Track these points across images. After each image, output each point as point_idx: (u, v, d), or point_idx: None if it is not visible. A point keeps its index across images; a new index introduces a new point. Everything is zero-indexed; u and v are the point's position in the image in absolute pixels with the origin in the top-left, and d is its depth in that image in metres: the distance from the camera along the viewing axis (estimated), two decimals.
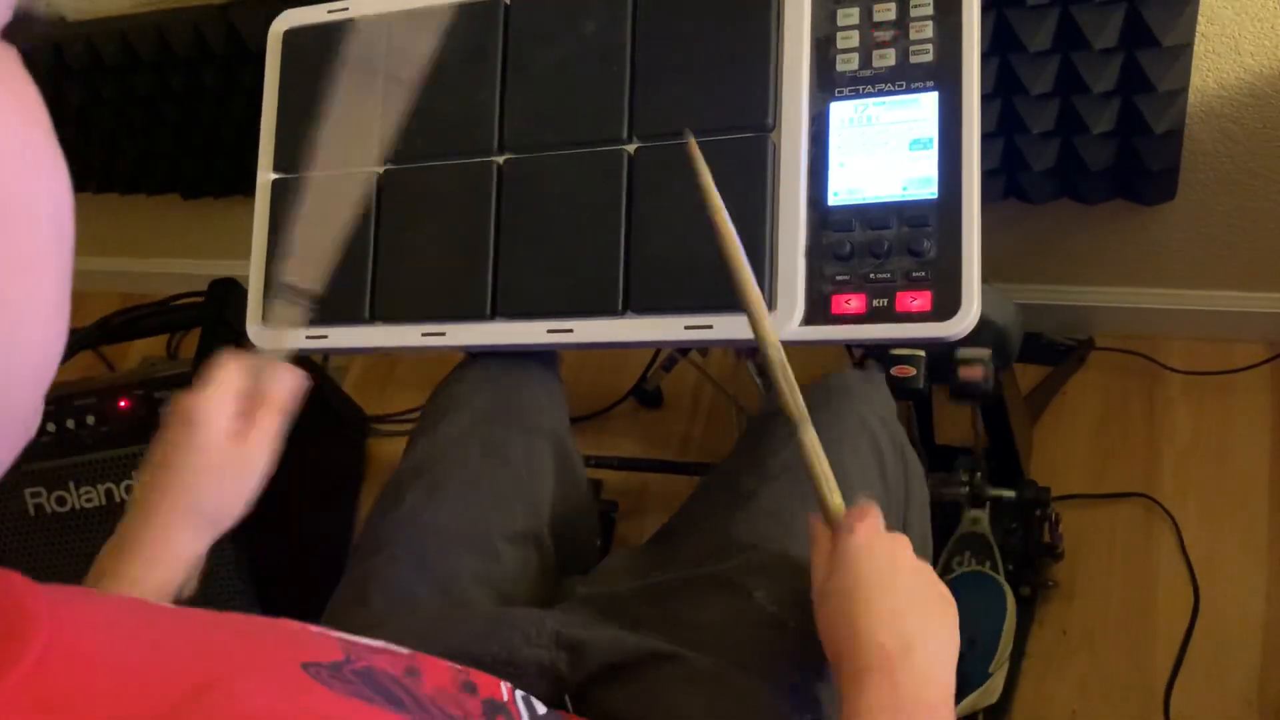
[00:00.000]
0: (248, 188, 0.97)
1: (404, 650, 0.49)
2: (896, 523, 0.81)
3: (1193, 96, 1.14)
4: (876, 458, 0.80)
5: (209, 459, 0.64)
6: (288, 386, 0.67)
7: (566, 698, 0.68)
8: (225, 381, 0.65)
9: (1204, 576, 1.27)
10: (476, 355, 0.94)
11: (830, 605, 0.60)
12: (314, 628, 0.45)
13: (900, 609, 0.58)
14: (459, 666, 0.52)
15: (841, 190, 0.80)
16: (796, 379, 0.65)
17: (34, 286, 0.33)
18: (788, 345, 0.81)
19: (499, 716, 0.51)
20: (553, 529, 0.86)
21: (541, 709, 0.57)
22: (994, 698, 1.20)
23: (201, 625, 0.43)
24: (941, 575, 1.22)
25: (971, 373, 0.84)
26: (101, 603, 0.40)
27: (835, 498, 0.64)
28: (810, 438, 0.63)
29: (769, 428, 0.84)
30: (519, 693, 0.56)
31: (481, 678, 0.53)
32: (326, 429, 1.60)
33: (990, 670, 1.20)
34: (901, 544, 0.61)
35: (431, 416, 0.91)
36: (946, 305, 0.76)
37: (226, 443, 0.64)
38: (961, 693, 1.18)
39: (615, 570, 0.81)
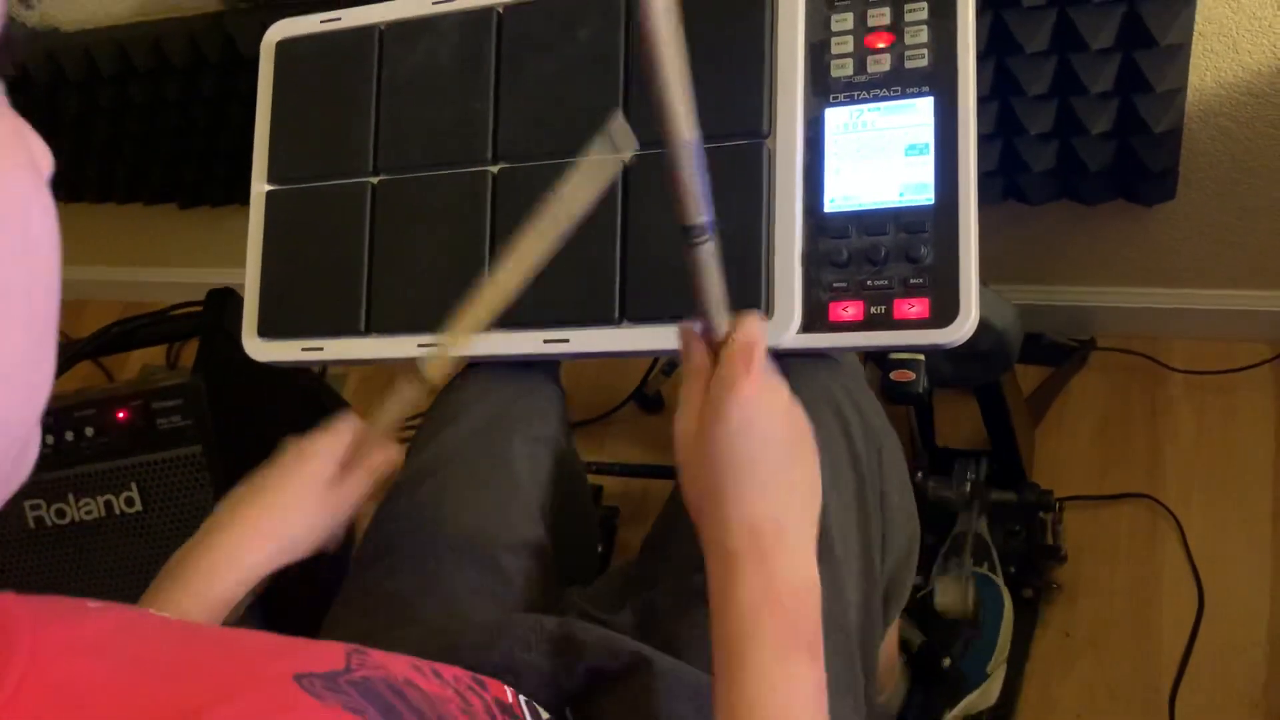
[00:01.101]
0: (245, 197, 0.97)
1: (413, 659, 0.48)
2: (874, 508, 0.79)
3: (1191, 96, 1.13)
4: (846, 439, 0.78)
5: (307, 492, 0.71)
6: (385, 459, 0.75)
7: (567, 710, 0.68)
8: (339, 434, 0.73)
9: (1208, 577, 1.27)
10: (476, 364, 0.94)
11: (698, 471, 0.57)
12: (315, 641, 0.45)
13: (773, 481, 0.55)
14: (463, 669, 0.52)
15: (838, 197, 0.79)
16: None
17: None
18: (785, 353, 0.81)
19: (505, 717, 0.51)
20: (554, 537, 0.86)
21: (545, 715, 0.57)
22: (992, 699, 1.20)
23: (194, 642, 0.42)
24: (938, 576, 1.22)
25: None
26: (90, 619, 0.40)
27: (725, 323, 0.57)
28: (711, 255, 0.56)
29: None
30: (522, 697, 0.56)
31: (487, 681, 0.53)
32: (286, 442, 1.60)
33: (988, 671, 1.20)
34: (779, 385, 0.57)
35: (432, 425, 0.91)
36: (945, 311, 0.75)
37: (324, 485, 0.72)
38: (960, 693, 1.18)
39: (609, 589, 0.81)
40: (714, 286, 0.57)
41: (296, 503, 0.71)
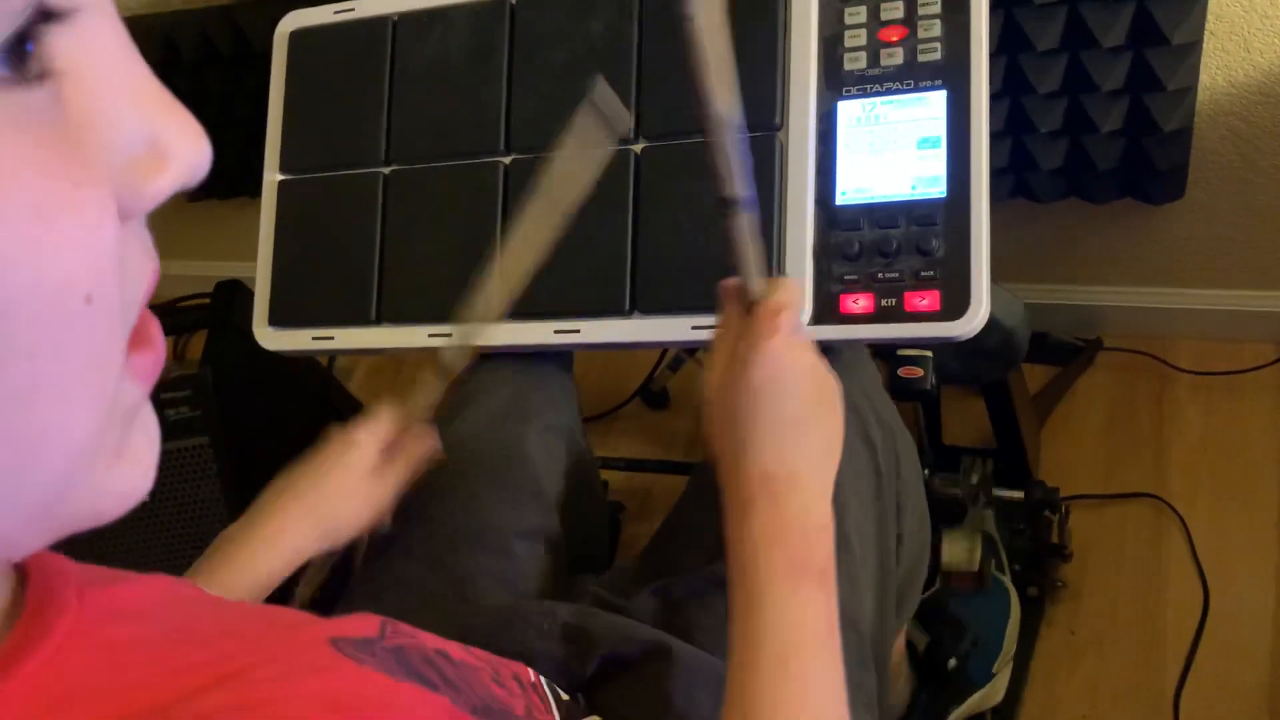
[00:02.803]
0: (254, 189, 0.97)
1: (434, 636, 0.49)
2: (890, 511, 0.80)
3: (1201, 95, 1.14)
4: (867, 446, 0.79)
5: (350, 477, 0.74)
6: (425, 446, 0.78)
7: (579, 695, 0.68)
8: (380, 423, 0.76)
9: (1214, 577, 1.27)
10: (489, 354, 0.94)
11: (722, 412, 0.59)
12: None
13: (791, 434, 0.58)
14: (481, 650, 0.53)
15: (849, 189, 0.79)
16: None
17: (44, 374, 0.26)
18: None
19: (532, 694, 0.52)
20: (566, 526, 0.86)
21: (564, 696, 0.57)
22: (998, 698, 1.19)
23: (232, 612, 0.43)
24: (946, 531, 1.21)
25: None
26: (134, 586, 0.40)
27: (759, 285, 0.60)
28: (747, 224, 0.57)
29: None
30: (542, 678, 0.56)
31: (508, 660, 0.54)
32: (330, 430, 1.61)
33: (994, 670, 1.20)
34: (807, 350, 0.60)
35: (445, 414, 0.91)
36: (955, 304, 0.75)
37: (367, 473, 0.75)
38: (965, 692, 1.17)
39: (624, 577, 0.81)
40: (750, 253, 0.59)
41: (340, 489, 0.74)
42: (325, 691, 0.35)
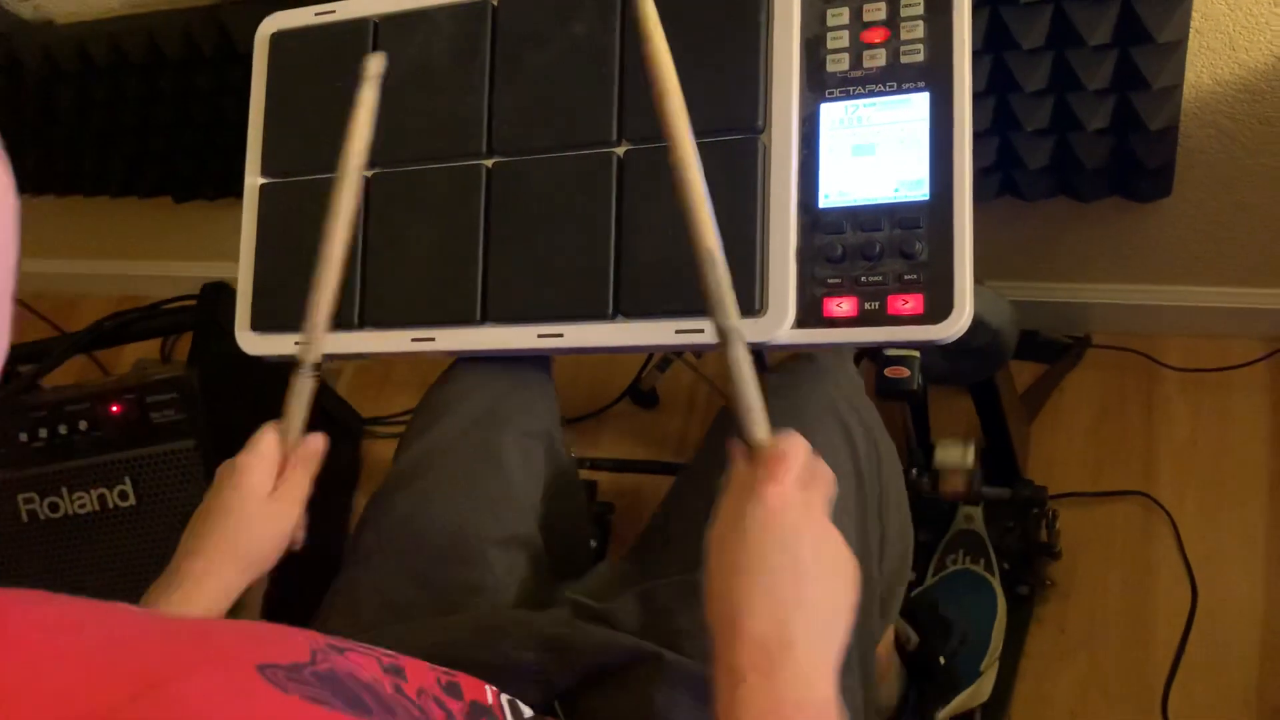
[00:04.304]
0: (240, 190, 0.97)
1: (386, 651, 0.48)
2: (873, 514, 0.79)
3: (1187, 93, 1.13)
4: (849, 447, 0.79)
5: (247, 510, 0.74)
6: (313, 450, 0.78)
7: (556, 704, 0.68)
8: (263, 443, 0.76)
9: (1202, 575, 1.27)
10: (468, 358, 0.94)
11: (718, 568, 0.56)
12: (286, 628, 0.45)
13: (789, 592, 0.54)
14: (442, 669, 0.52)
15: (832, 192, 0.79)
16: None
17: None
18: (779, 349, 0.81)
19: (483, 718, 0.51)
20: (545, 532, 0.86)
21: (528, 712, 0.56)
22: (985, 696, 1.20)
23: (159, 626, 0.42)
24: (934, 573, 1.22)
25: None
26: (58, 604, 0.40)
27: (760, 430, 0.58)
28: (741, 355, 0.57)
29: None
30: (504, 696, 0.55)
31: (467, 681, 0.53)
32: (320, 432, 1.60)
33: (981, 669, 1.20)
34: (815, 502, 0.57)
35: (422, 420, 0.91)
36: (939, 308, 0.75)
37: (263, 496, 0.75)
38: (952, 692, 1.18)
39: (602, 582, 0.81)
40: (750, 390, 0.58)
41: (243, 521, 0.74)
42: (256, 713, 0.35)
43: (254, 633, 0.43)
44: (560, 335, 0.84)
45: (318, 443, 0.79)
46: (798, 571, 0.54)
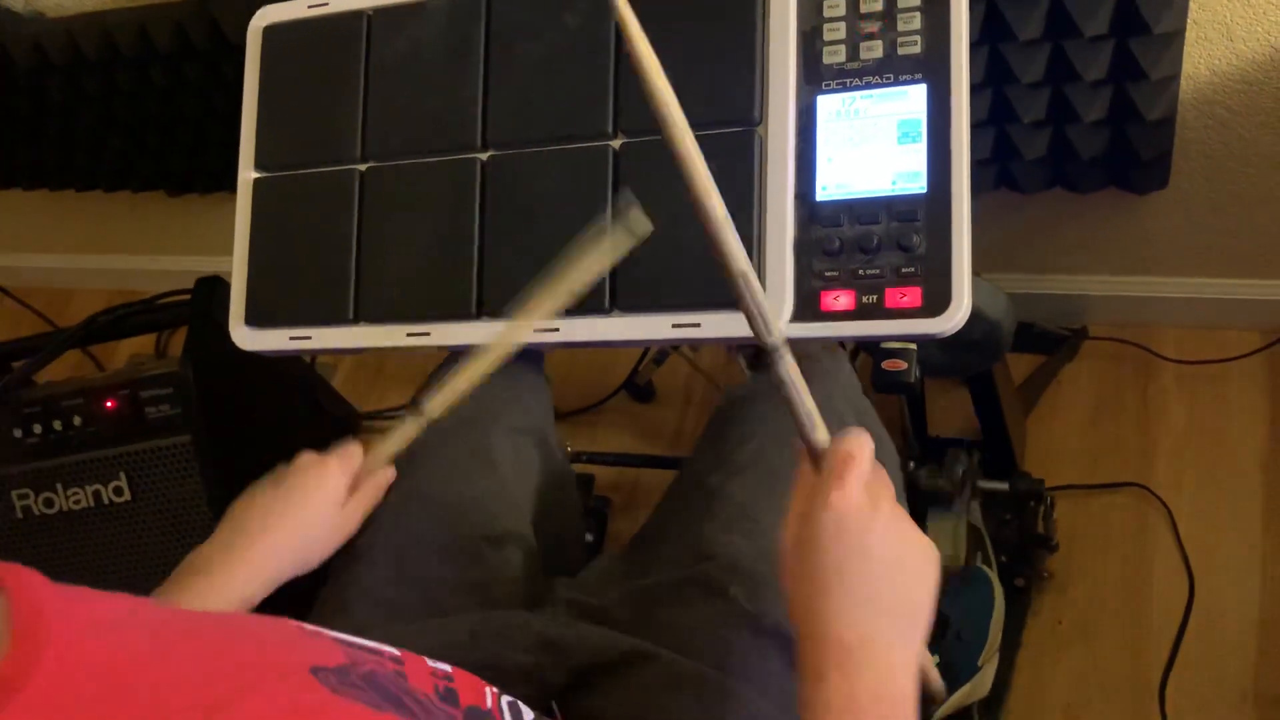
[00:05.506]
0: (233, 184, 0.96)
1: (394, 651, 0.48)
2: None
3: (1185, 84, 1.13)
4: None
5: (325, 512, 0.76)
6: (387, 479, 0.81)
7: (554, 704, 0.67)
8: (349, 457, 0.79)
9: (1199, 566, 1.27)
10: (459, 353, 0.93)
11: (793, 574, 0.57)
12: (308, 626, 0.45)
13: (862, 594, 0.55)
14: (440, 671, 0.51)
15: (830, 185, 0.79)
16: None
17: None
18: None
19: None
20: (538, 528, 0.85)
21: (529, 714, 0.56)
22: (984, 691, 1.19)
23: (209, 629, 0.42)
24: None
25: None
26: (104, 601, 0.40)
27: (820, 434, 0.59)
28: (790, 368, 0.57)
29: (733, 416, 0.83)
30: (505, 698, 0.55)
31: (465, 683, 0.53)
32: (316, 426, 1.60)
33: (979, 663, 1.20)
34: (881, 495, 0.57)
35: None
36: (937, 301, 0.75)
37: (339, 504, 0.77)
38: (951, 687, 1.17)
39: (598, 577, 0.81)
40: (803, 399, 0.58)
41: (317, 522, 0.76)
42: None
43: (291, 632, 0.43)
44: (556, 330, 0.84)
45: (390, 475, 0.81)
46: (871, 573, 0.55)
